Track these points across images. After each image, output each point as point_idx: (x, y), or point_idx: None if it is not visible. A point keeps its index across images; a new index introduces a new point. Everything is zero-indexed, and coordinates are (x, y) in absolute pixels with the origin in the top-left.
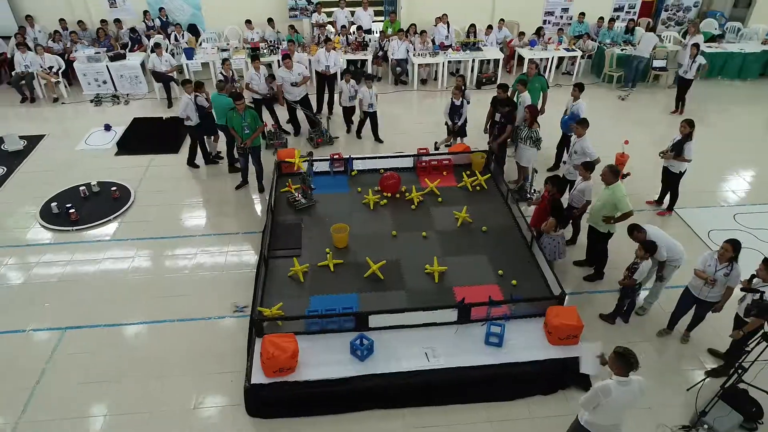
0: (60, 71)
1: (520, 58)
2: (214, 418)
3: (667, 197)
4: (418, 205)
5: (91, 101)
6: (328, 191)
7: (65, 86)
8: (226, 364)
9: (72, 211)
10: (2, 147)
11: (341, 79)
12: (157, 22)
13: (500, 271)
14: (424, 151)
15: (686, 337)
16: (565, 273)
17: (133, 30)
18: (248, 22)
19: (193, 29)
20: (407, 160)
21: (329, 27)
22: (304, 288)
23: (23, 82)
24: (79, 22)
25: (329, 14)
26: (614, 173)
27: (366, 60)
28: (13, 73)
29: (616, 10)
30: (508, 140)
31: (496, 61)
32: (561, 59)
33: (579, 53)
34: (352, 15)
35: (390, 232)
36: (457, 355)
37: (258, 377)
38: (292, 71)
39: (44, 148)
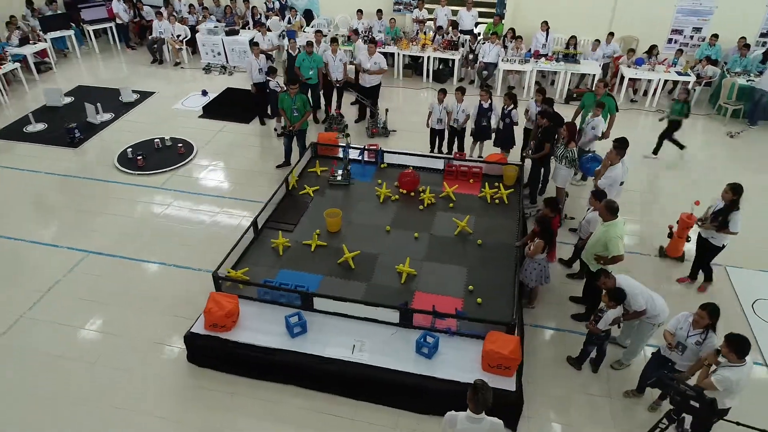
0: (185, 40)
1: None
2: (166, 356)
3: (701, 273)
4: (428, 206)
5: (203, 69)
6: (360, 177)
7: (188, 53)
8: (198, 313)
9: (140, 158)
10: (119, 98)
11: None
12: (276, 5)
13: (470, 287)
14: (461, 156)
15: (656, 405)
16: (557, 306)
17: (254, 10)
18: (359, 11)
19: (309, 14)
20: (439, 162)
21: (429, 24)
22: (278, 260)
23: (155, 46)
24: None
25: (431, 11)
26: (611, 210)
27: (453, 60)
28: (149, 37)
29: (763, 35)
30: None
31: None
32: (675, 84)
33: (693, 78)
34: (454, 14)
35: (385, 227)
36: (383, 355)
37: (197, 328)
38: (371, 58)
39: (149, 104)
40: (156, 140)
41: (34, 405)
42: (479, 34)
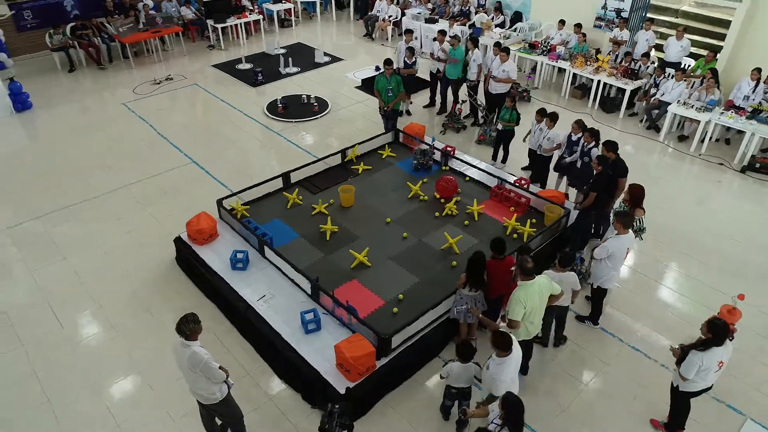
0: (392, 20)
1: None
2: (159, 258)
3: None
4: (445, 216)
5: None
6: (408, 170)
7: (394, 32)
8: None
9: (280, 106)
10: (314, 59)
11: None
12: (488, 1)
13: (401, 296)
14: (522, 182)
15: None
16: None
17: (465, 3)
18: (561, 22)
19: (518, 16)
20: (493, 180)
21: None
22: (282, 211)
23: (370, 21)
24: None
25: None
26: (523, 269)
27: (624, 90)
28: (369, 13)
29: None
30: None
31: None
32: None
33: None
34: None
35: (389, 218)
36: (275, 312)
37: (184, 236)
38: (501, 65)
39: (331, 67)
40: (303, 96)
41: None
42: (685, 68)
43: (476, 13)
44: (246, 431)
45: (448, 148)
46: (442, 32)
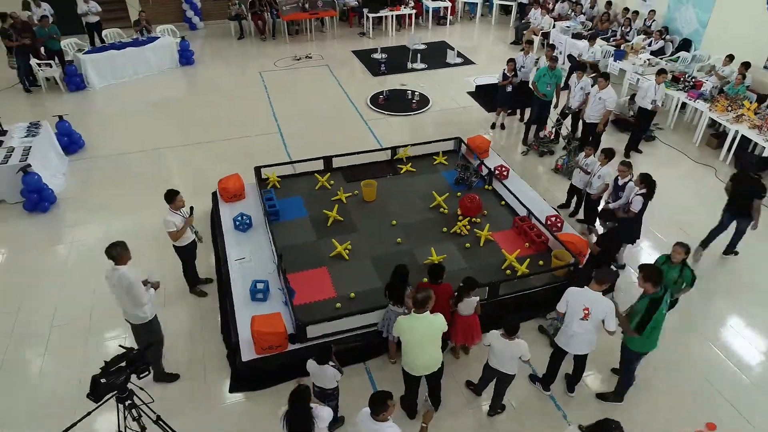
0: (542, 30)
1: None
2: (205, 206)
3: None
4: (452, 233)
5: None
6: (450, 181)
7: (543, 44)
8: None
9: (381, 97)
10: (446, 59)
11: None
12: (654, 24)
13: (352, 294)
14: (556, 221)
15: None
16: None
17: (627, 21)
18: (729, 57)
19: (686, 43)
20: (523, 209)
21: None
22: (308, 191)
23: (520, 29)
24: (608, 3)
25: None
26: (414, 302)
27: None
28: (523, 21)
29: None
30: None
31: None
32: None
33: None
34: None
35: (396, 221)
36: (239, 276)
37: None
38: (599, 92)
39: (457, 70)
40: (409, 91)
41: None
42: None
43: (637, 34)
44: (162, 360)
45: (501, 169)
46: (554, 59)
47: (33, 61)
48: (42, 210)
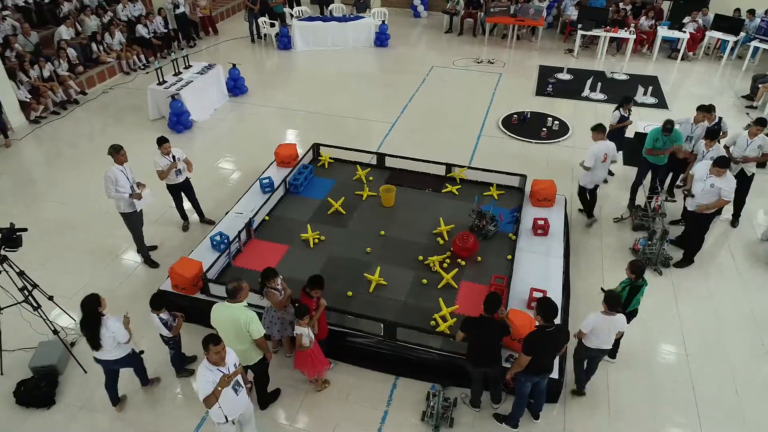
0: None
1: None
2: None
3: None
4: (425, 264)
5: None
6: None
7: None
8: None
9: (515, 117)
10: (634, 95)
11: None
12: None
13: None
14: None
15: None
16: None
17: None
18: None
19: None
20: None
21: None
22: (343, 179)
23: (758, 81)
24: None
25: None
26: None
27: None
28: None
29: None
30: None
31: None
32: None
33: None
34: None
35: (386, 233)
36: (223, 224)
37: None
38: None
39: (638, 110)
40: (549, 118)
41: None
42: None
43: None
44: (143, 244)
45: (539, 222)
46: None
47: (261, 20)
48: (177, 131)
